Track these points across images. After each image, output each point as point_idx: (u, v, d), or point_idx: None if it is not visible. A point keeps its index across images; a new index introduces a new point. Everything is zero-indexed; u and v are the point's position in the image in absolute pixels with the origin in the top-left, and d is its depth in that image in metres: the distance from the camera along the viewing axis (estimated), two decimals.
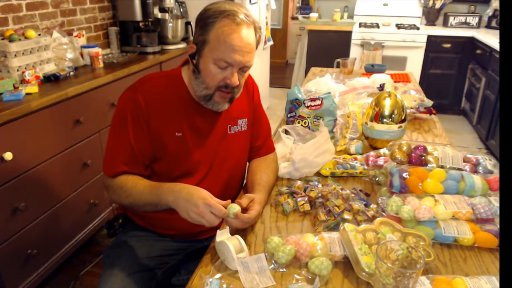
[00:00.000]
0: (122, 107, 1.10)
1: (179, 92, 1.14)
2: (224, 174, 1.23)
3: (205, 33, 1.04)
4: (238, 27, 1.01)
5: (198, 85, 1.09)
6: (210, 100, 1.10)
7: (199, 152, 1.17)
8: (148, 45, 2.77)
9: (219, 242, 0.94)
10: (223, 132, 1.21)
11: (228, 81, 1.06)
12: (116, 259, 1.10)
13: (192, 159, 1.16)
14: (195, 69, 1.09)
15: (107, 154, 1.14)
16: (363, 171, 1.31)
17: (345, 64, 2.64)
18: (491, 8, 4.36)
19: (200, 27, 1.05)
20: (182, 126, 1.13)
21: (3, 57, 1.86)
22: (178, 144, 1.13)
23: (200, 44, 1.06)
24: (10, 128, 1.60)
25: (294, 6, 6.57)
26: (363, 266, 0.85)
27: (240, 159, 1.28)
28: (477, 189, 1.06)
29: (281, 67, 6.73)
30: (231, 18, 1.01)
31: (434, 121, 1.84)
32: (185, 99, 1.14)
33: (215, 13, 1.03)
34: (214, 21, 1.02)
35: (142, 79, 1.14)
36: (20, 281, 1.73)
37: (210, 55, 1.04)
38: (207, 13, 1.04)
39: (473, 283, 0.82)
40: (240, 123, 1.24)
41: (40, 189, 1.79)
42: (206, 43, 1.04)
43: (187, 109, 1.14)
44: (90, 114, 2.06)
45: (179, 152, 1.14)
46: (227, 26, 1.01)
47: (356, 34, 4.20)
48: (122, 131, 1.09)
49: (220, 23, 1.01)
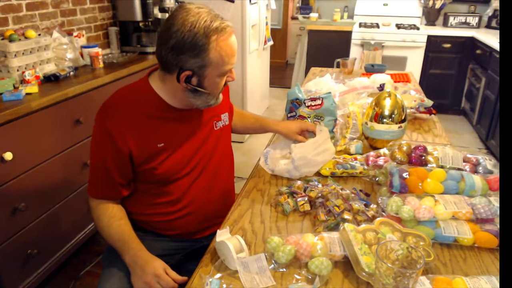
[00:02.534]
0: (97, 133, 1.12)
1: (152, 103, 1.11)
2: (216, 169, 1.25)
3: (203, 58, 1.00)
4: (229, 35, 1.03)
5: (203, 99, 1.10)
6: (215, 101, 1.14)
7: (187, 156, 1.17)
8: (148, 45, 2.77)
9: (219, 242, 0.94)
10: (208, 129, 1.22)
11: (230, 79, 1.12)
12: (116, 259, 1.10)
13: (177, 165, 1.16)
14: (197, 89, 1.07)
15: (90, 175, 1.16)
16: (363, 171, 1.31)
17: (345, 64, 2.64)
18: (491, 8, 4.36)
19: (193, 55, 0.99)
20: (162, 136, 1.12)
21: (3, 57, 1.86)
22: (161, 155, 1.12)
23: (197, 69, 1.03)
24: (10, 128, 1.60)
25: (294, 6, 6.57)
26: (363, 266, 0.85)
27: (227, 150, 1.32)
28: (477, 189, 1.06)
29: (281, 67, 6.73)
30: (221, 31, 1.00)
31: (434, 121, 1.84)
32: (160, 108, 1.12)
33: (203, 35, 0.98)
34: (209, 42, 0.98)
35: (111, 99, 1.13)
36: (20, 281, 1.73)
37: (215, 73, 1.05)
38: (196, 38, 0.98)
39: (473, 283, 0.82)
40: (223, 117, 1.28)
41: (40, 189, 1.79)
42: (207, 66, 1.02)
43: (165, 120, 1.13)
44: (90, 114, 2.05)
45: (164, 162, 1.13)
46: (222, 41, 1.00)
47: (356, 34, 4.20)
48: (98, 156, 1.11)
49: (216, 42, 0.99)
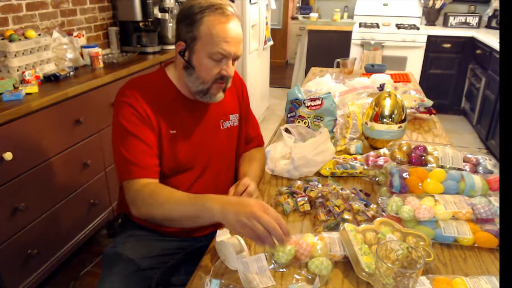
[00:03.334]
0: (122, 113, 1.08)
1: (168, 91, 1.14)
2: (218, 169, 1.25)
3: (194, 29, 1.04)
4: (228, 19, 1.03)
5: (193, 81, 1.10)
6: (207, 93, 1.11)
7: (191, 148, 1.18)
8: (148, 45, 2.77)
9: (219, 242, 0.94)
10: (215, 127, 1.22)
11: (224, 73, 1.08)
12: (115, 259, 1.10)
13: (186, 156, 1.17)
14: (188, 65, 1.09)
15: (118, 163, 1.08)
16: (363, 171, 1.31)
17: (345, 64, 2.64)
18: (491, 8, 4.36)
19: (187, 24, 1.05)
20: (175, 123, 1.14)
21: (3, 57, 1.86)
22: (172, 142, 1.14)
23: (189, 41, 1.06)
24: (10, 128, 1.60)
25: (294, 6, 6.57)
26: (363, 266, 0.85)
27: (231, 153, 1.31)
28: (477, 189, 1.06)
29: (281, 67, 6.73)
30: (220, 12, 1.03)
31: (434, 121, 1.84)
32: (175, 97, 1.15)
33: (202, 8, 1.03)
34: (202, 16, 1.02)
35: (127, 84, 1.13)
36: (20, 281, 1.73)
37: (203, 50, 1.05)
38: (192, 9, 1.04)
39: (473, 283, 0.82)
40: (232, 118, 1.27)
41: (40, 189, 1.79)
42: (197, 39, 1.05)
43: (178, 108, 1.15)
44: (90, 114, 2.06)
45: (172, 150, 1.14)
46: (217, 19, 1.02)
47: (356, 34, 4.20)
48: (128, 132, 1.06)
49: (210, 17, 1.02)
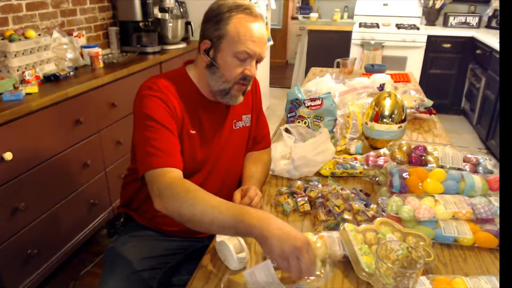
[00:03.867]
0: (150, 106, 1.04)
1: (189, 90, 1.15)
2: (225, 169, 1.25)
3: (221, 28, 1.05)
4: (255, 20, 1.06)
5: (216, 79, 1.10)
6: (228, 94, 1.11)
7: (207, 149, 1.18)
8: (148, 45, 2.77)
9: (219, 242, 0.94)
10: (229, 128, 1.23)
11: (248, 72, 1.09)
12: (117, 259, 1.10)
13: (200, 156, 1.17)
14: (213, 63, 1.09)
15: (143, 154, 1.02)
16: (363, 171, 1.31)
17: (345, 64, 2.64)
18: (491, 8, 4.36)
19: (214, 22, 1.06)
20: (195, 124, 1.14)
21: (3, 57, 1.86)
22: (191, 142, 1.14)
23: (215, 39, 1.07)
24: (10, 128, 1.60)
25: (294, 6, 6.57)
26: (363, 266, 0.85)
27: (239, 153, 1.30)
28: (477, 189, 1.06)
29: (281, 67, 6.73)
30: (248, 12, 1.05)
31: (434, 121, 1.84)
32: (196, 97, 1.15)
33: (231, 7, 1.05)
34: (231, 15, 1.04)
35: (151, 80, 1.10)
36: (20, 281, 1.73)
37: (229, 49, 1.06)
38: (220, 8, 1.06)
39: (473, 283, 0.82)
40: (245, 118, 1.27)
41: (40, 189, 1.79)
42: (223, 37, 1.05)
43: (198, 108, 1.15)
44: (90, 114, 2.06)
45: (190, 150, 1.14)
46: (245, 19, 1.04)
47: (356, 34, 4.20)
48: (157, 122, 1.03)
49: (238, 16, 1.04)
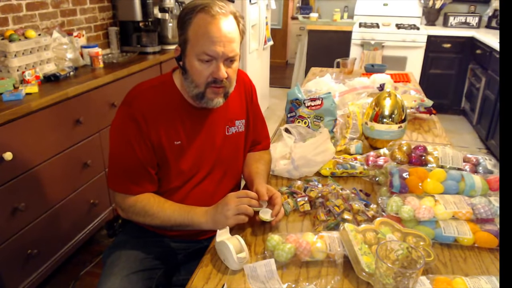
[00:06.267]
0: (122, 124, 1.09)
1: (173, 98, 1.13)
2: (220, 176, 1.23)
3: (184, 32, 1.04)
4: (213, 18, 1.01)
5: (189, 85, 1.09)
6: (203, 98, 1.09)
7: (198, 157, 1.16)
8: (148, 45, 2.77)
9: (219, 242, 0.94)
10: (221, 134, 1.20)
11: (215, 75, 1.05)
12: (116, 259, 1.10)
13: (191, 164, 1.16)
14: (183, 70, 1.09)
15: (113, 171, 1.12)
16: (363, 171, 1.31)
17: (345, 64, 2.64)
18: (491, 8, 4.35)
19: (180, 27, 1.06)
20: (180, 133, 1.12)
21: (3, 57, 1.86)
22: (177, 152, 1.13)
23: (182, 45, 1.07)
24: (10, 128, 1.60)
25: (294, 6, 6.57)
26: (363, 266, 0.85)
27: (237, 160, 1.28)
28: (477, 189, 1.06)
29: (281, 67, 6.73)
30: (206, 11, 1.02)
31: (434, 121, 1.84)
32: (180, 104, 1.13)
33: (190, 10, 1.03)
34: (190, 17, 1.03)
35: (134, 91, 1.12)
36: (20, 281, 1.73)
37: (192, 52, 1.04)
38: (183, 12, 1.05)
39: (473, 283, 0.82)
40: (238, 124, 1.25)
41: (40, 189, 1.79)
42: (187, 41, 1.05)
43: (183, 115, 1.13)
44: (90, 114, 2.06)
45: (179, 160, 1.13)
46: (202, 19, 1.01)
47: (356, 34, 4.19)
48: (127, 149, 1.08)
49: (196, 18, 1.02)
